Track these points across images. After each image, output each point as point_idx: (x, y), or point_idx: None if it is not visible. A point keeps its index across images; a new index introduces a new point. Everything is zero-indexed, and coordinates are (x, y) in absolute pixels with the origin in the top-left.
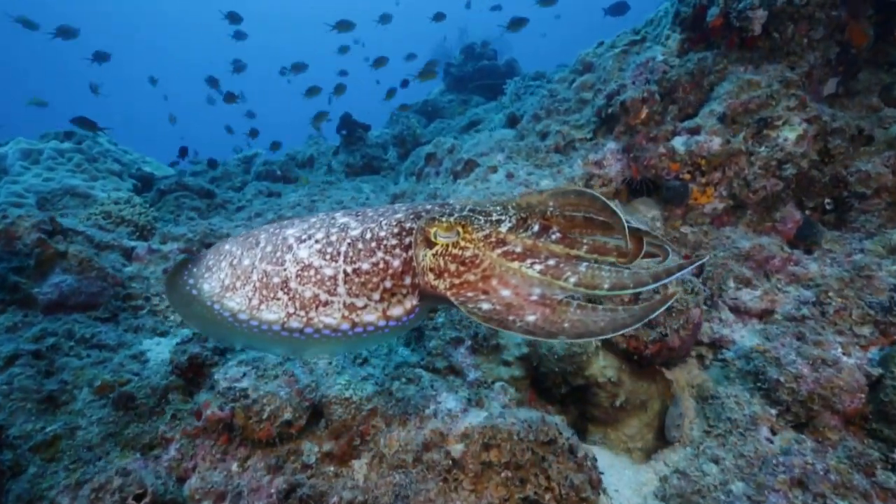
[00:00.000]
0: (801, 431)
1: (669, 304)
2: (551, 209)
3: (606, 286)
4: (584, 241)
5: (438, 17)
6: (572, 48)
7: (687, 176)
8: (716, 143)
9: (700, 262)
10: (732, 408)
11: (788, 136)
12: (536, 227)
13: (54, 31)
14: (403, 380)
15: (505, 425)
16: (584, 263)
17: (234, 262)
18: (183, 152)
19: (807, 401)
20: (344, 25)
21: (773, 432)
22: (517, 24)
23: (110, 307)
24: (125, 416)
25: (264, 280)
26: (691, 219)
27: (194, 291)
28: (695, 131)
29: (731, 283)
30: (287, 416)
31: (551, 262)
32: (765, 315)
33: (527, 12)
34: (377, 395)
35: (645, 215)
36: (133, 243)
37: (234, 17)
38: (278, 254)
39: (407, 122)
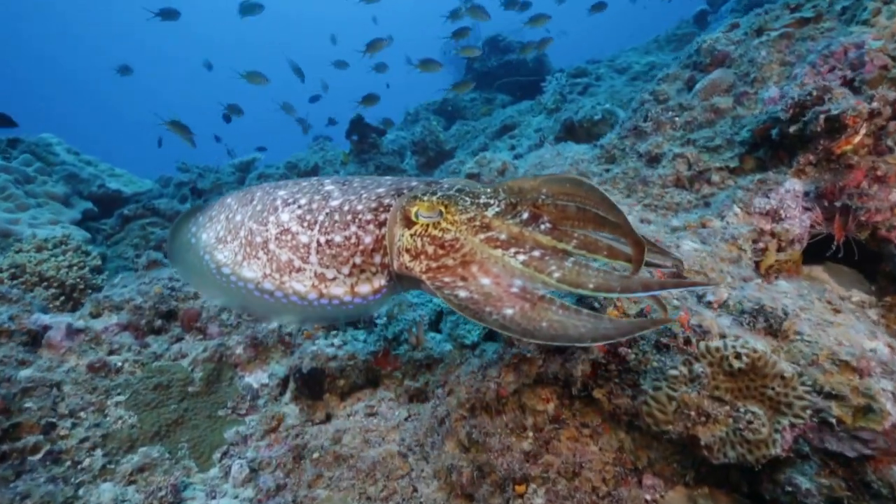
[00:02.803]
0: None
1: (661, 326)
2: (543, 197)
3: (591, 286)
4: (575, 234)
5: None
6: (593, 45)
7: None
8: None
9: (704, 285)
10: None
11: None
12: (525, 215)
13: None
14: None
15: None
16: (571, 259)
17: (230, 215)
18: (232, 109)
19: None
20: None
21: None
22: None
23: None
24: None
25: (249, 238)
26: None
27: (193, 240)
28: None
29: None
30: None
31: (536, 253)
32: None
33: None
34: None
35: (843, 296)
36: (48, 319)
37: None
38: (265, 214)
39: (428, 124)
